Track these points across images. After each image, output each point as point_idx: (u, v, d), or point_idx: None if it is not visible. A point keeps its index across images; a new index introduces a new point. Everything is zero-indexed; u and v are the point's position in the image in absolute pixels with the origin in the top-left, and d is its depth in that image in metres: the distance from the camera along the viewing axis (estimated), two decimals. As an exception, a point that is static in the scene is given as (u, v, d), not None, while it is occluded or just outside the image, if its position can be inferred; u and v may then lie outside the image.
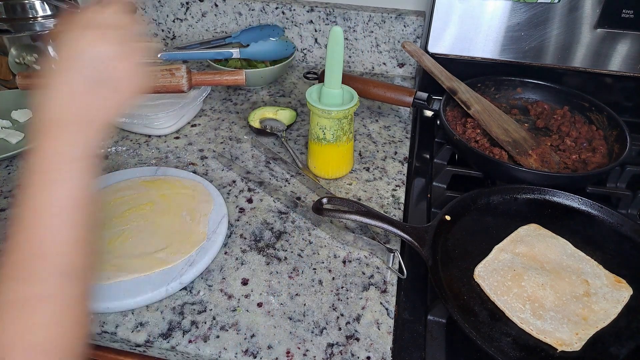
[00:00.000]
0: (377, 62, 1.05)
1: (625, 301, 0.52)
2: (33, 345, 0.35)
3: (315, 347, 0.50)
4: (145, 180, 0.69)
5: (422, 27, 0.98)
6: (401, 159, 0.79)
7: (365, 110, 0.91)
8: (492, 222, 0.62)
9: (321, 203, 0.60)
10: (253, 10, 1.04)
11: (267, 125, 0.83)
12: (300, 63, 1.09)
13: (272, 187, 0.71)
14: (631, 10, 0.78)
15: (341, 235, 0.63)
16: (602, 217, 0.62)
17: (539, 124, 0.83)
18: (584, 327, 0.49)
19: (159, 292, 0.53)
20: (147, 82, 0.47)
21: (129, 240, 0.59)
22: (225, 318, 0.53)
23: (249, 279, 0.58)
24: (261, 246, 0.62)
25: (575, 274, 0.54)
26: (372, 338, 0.51)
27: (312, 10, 1.01)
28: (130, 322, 0.52)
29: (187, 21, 1.09)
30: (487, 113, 0.78)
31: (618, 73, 0.85)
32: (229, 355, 0.49)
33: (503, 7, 0.83)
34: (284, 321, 0.53)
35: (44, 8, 0.88)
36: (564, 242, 0.59)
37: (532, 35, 0.84)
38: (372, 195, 0.71)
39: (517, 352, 0.47)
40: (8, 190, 0.70)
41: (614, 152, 0.73)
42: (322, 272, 0.59)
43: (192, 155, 0.78)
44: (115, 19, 0.45)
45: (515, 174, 0.67)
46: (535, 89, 0.86)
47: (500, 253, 0.57)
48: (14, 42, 0.88)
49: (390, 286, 0.57)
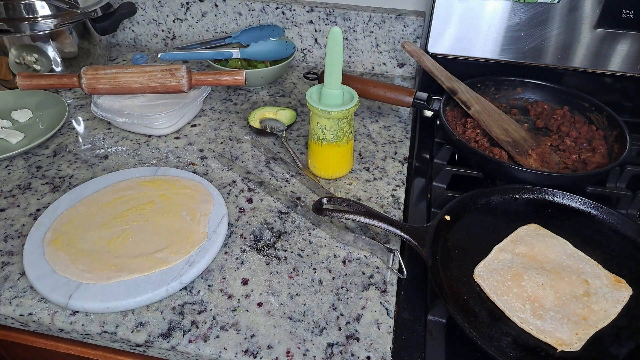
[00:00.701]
0: (377, 62, 1.05)
1: (625, 301, 0.52)
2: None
3: (315, 347, 0.50)
4: (145, 180, 0.69)
5: (422, 27, 0.98)
6: (401, 159, 0.79)
7: (365, 110, 0.92)
8: (492, 222, 0.62)
9: (321, 203, 0.60)
10: (253, 10, 1.04)
11: (267, 125, 0.83)
12: (300, 63, 1.09)
13: (272, 187, 0.71)
14: (631, 10, 0.78)
15: (341, 235, 0.63)
16: (602, 217, 0.62)
17: (538, 124, 0.83)
18: (583, 327, 0.49)
19: (159, 292, 0.53)
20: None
21: (129, 240, 0.59)
22: (225, 318, 0.53)
23: (249, 278, 0.58)
24: (261, 246, 0.62)
25: (575, 274, 0.54)
26: (372, 338, 0.51)
27: (312, 11, 1.01)
28: (130, 322, 0.52)
29: (187, 21, 1.09)
30: (487, 113, 0.78)
31: (618, 73, 0.85)
32: (229, 355, 0.49)
33: (503, 7, 0.83)
34: (284, 321, 0.53)
35: (44, 8, 0.88)
36: (564, 242, 0.59)
37: (532, 35, 0.84)
38: (372, 195, 0.71)
39: (517, 352, 0.47)
40: (8, 190, 0.70)
41: (613, 152, 0.73)
42: (322, 272, 0.59)
43: (192, 155, 0.78)
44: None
45: (515, 174, 0.67)
46: (535, 89, 0.86)
47: (500, 253, 0.57)
48: (14, 42, 0.88)
49: (390, 286, 0.57)
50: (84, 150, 0.79)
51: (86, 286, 0.54)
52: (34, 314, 0.53)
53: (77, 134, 0.83)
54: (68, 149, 0.79)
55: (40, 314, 0.53)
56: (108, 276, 0.54)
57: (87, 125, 0.85)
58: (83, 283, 0.54)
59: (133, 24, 1.12)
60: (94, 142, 0.81)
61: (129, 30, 1.14)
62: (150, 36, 1.14)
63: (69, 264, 0.56)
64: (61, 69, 0.94)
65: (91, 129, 0.84)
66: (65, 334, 0.54)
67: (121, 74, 0.78)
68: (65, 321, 0.52)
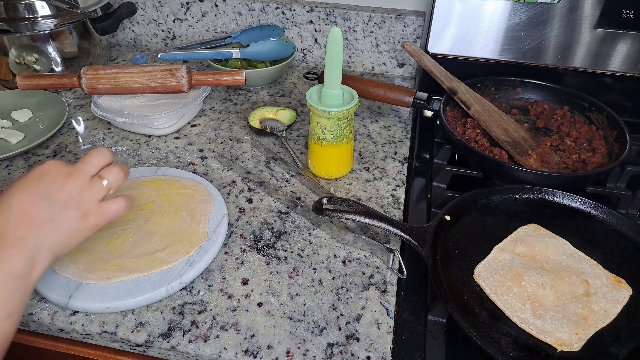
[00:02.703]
0: (377, 62, 1.05)
1: (625, 301, 0.52)
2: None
3: (315, 347, 0.50)
4: (145, 180, 0.69)
5: (422, 27, 0.98)
6: (401, 159, 0.79)
7: (365, 110, 0.92)
8: (492, 222, 0.62)
9: (321, 203, 0.60)
10: (253, 10, 1.04)
11: (267, 125, 0.83)
12: (300, 63, 1.09)
13: (272, 187, 0.71)
14: (631, 10, 0.78)
15: (341, 235, 0.63)
16: (602, 217, 0.62)
17: (538, 124, 0.83)
18: (583, 327, 0.49)
19: (159, 292, 0.53)
20: (105, 220, 0.48)
21: (129, 240, 0.59)
22: (225, 318, 0.53)
23: (249, 278, 0.58)
24: (261, 246, 0.62)
25: (575, 273, 0.54)
26: (372, 338, 0.51)
27: (312, 11, 1.01)
28: (130, 322, 0.52)
29: (187, 21, 1.09)
30: (487, 113, 0.78)
31: (618, 73, 0.85)
32: (229, 355, 0.49)
33: (503, 7, 0.83)
34: (284, 321, 0.53)
35: (44, 8, 0.88)
36: (564, 242, 0.59)
37: (532, 35, 0.84)
38: (372, 195, 0.71)
39: (517, 352, 0.47)
40: (8, 190, 0.70)
41: (613, 152, 0.73)
42: (322, 272, 0.59)
43: (192, 155, 0.78)
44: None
45: (515, 174, 0.67)
46: (535, 89, 0.86)
47: (500, 253, 0.57)
48: (14, 42, 0.88)
49: (390, 286, 0.57)
50: (84, 150, 0.79)
51: (86, 286, 0.54)
52: (34, 314, 0.53)
53: (77, 134, 0.83)
54: (68, 149, 0.79)
55: (40, 314, 0.53)
56: (108, 276, 0.54)
57: (87, 125, 0.85)
58: (83, 283, 0.54)
59: (133, 24, 1.12)
60: (94, 142, 0.81)
61: (129, 30, 1.14)
62: (150, 36, 1.14)
63: (69, 263, 0.56)
64: (61, 69, 0.94)
65: (91, 129, 0.84)
66: (65, 334, 0.54)
67: (121, 74, 0.78)
68: (65, 321, 0.52)
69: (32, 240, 0.42)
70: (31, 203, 0.43)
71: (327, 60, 0.64)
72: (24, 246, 0.41)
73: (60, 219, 0.44)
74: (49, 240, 0.43)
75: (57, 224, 0.44)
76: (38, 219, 0.43)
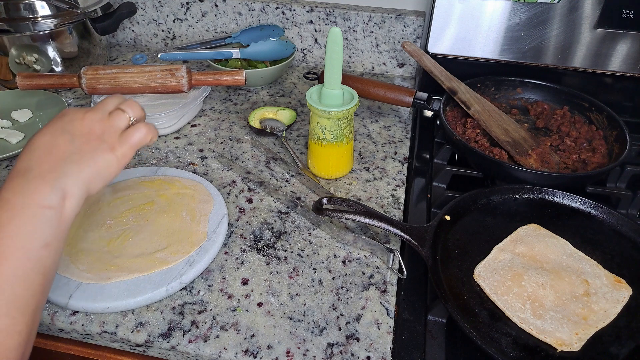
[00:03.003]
0: (377, 62, 1.05)
1: (625, 301, 0.52)
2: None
3: (315, 347, 0.50)
4: (145, 180, 0.69)
5: (422, 27, 0.98)
6: (401, 159, 0.79)
7: (365, 110, 0.92)
8: (492, 222, 0.62)
9: (321, 203, 0.60)
10: (253, 10, 1.04)
11: (267, 125, 0.83)
12: (300, 63, 1.09)
13: (272, 187, 0.71)
14: (631, 10, 0.78)
15: (341, 235, 0.63)
16: (602, 217, 0.62)
17: (538, 124, 0.83)
18: (583, 327, 0.49)
19: (159, 292, 0.53)
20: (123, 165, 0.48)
21: (129, 240, 0.59)
22: (225, 318, 0.53)
23: (249, 279, 0.58)
24: (261, 246, 0.62)
25: (575, 273, 0.54)
26: (372, 338, 0.51)
27: (312, 11, 1.01)
28: (130, 322, 0.52)
29: (187, 21, 1.09)
30: (487, 113, 0.78)
31: (618, 73, 0.85)
32: (229, 355, 0.49)
33: (503, 7, 0.83)
34: (284, 321, 0.53)
35: (44, 8, 0.88)
36: (564, 242, 0.59)
37: (532, 35, 0.84)
38: (372, 195, 0.71)
39: (517, 352, 0.47)
40: (8, 190, 0.70)
41: (613, 152, 0.73)
42: (322, 272, 0.59)
43: (192, 155, 0.78)
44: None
45: (515, 174, 0.67)
46: (535, 89, 0.86)
47: (500, 253, 0.57)
48: (14, 42, 0.88)
49: (390, 286, 0.57)
50: (84, 150, 0.79)
51: (86, 286, 0.54)
52: (34, 314, 0.53)
53: (77, 134, 0.83)
54: (68, 149, 0.79)
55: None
56: (108, 276, 0.54)
57: (87, 125, 0.85)
58: (83, 283, 0.54)
59: (133, 24, 1.12)
60: (94, 142, 0.81)
61: (129, 30, 1.14)
62: (150, 36, 1.14)
63: (69, 263, 0.56)
64: (61, 69, 0.94)
65: (91, 129, 0.84)
66: (65, 334, 0.54)
67: (121, 74, 0.78)
68: (65, 321, 0.52)
69: (59, 171, 0.42)
70: (53, 138, 0.43)
71: (327, 60, 0.64)
72: (50, 177, 0.41)
73: (85, 149, 0.44)
74: (76, 170, 0.43)
75: (83, 154, 0.44)
76: (62, 152, 0.43)
